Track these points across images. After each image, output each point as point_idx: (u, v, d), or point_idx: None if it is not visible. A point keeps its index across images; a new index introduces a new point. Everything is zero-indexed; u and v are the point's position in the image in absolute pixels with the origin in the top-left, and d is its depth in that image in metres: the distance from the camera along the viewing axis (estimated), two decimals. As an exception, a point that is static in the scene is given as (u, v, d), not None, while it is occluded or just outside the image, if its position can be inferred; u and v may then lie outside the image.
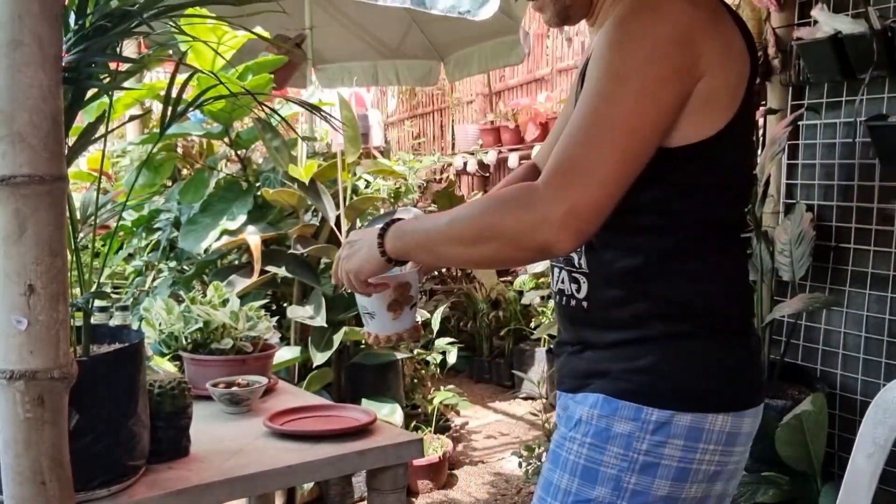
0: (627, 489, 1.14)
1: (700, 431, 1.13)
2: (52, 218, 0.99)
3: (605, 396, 1.16)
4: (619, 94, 1.05)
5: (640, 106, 1.05)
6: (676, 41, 1.06)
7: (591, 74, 1.08)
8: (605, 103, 1.05)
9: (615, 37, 1.07)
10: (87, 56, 1.11)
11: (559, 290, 1.26)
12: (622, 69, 1.05)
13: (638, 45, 1.06)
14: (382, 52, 5.21)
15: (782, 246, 2.69)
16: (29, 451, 1.00)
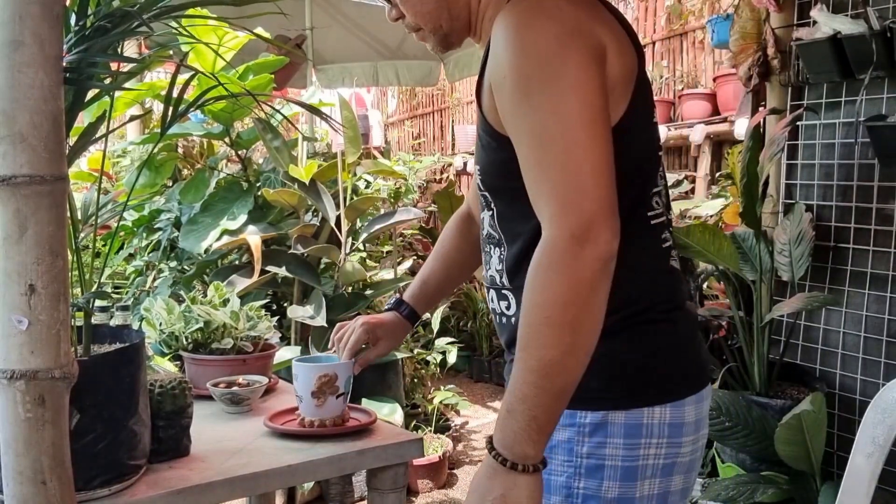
0: (579, 494, 1.13)
1: (639, 427, 1.12)
2: (52, 218, 0.99)
3: None
4: (554, 100, 1.02)
5: (578, 97, 1.02)
6: (573, 31, 1.05)
7: (511, 96, 1.05)
8: (548, 116, 1.02)
9: (516, 48, 1.04)
10: (88, 56, 1.11)
11: (493, 310, 1.26)
12: (542, 76, 1.02)
13: (543, 46, 1.03)
14: (382, 52, 5.22)
15: (781, 246, 2.69)
16: (30, 450, 1.00)
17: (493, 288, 1.24)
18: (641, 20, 5.95)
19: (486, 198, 1.21)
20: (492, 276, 1.23)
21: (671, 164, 5.80)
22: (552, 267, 0.99)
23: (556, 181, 1.01)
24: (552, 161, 1.01)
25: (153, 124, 4.25)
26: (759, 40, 2.84)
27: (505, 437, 1.00)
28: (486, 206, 1.22)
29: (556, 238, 0.99)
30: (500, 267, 1.21)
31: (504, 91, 1.06)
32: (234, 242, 3.11)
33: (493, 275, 1.22)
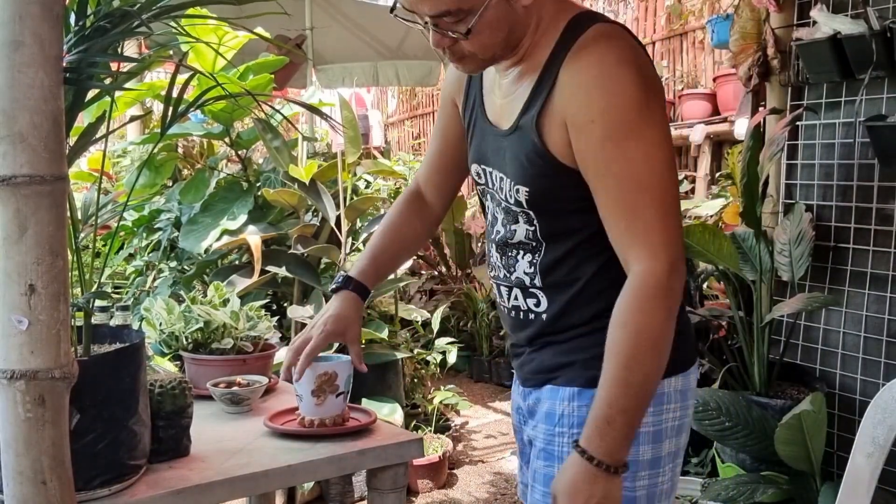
0: None
1: (662, 396, 1.25)
2: (52, 218, 0.99)
3: (579, 388, 1.26)
4: (646, 148, 1.15)
5: (664, 147, 1.17)
6: (652, 78, 1.18)
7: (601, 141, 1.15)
8: (642, 163, 1.15)
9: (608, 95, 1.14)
10: (88, 56, 1.11)
11: (513, 307, 1.35)
12: (634, 125, 1.14)
13: (633, 96, 1.14)
14: (382, 52, 5.22)
15: (781, 246, 2.69)
16: (30, 450, 1.00)
17: (518, 287, 1.34)
18: (641, 20, 5.95)
19: (526, 214, 1.29)
20: (519, 278, 1.33)
21: (671, 164, 5.80)
22: (657, 297, 1.14)
23: (652, 220, 1.16)
24: (649, 203, 1.15)
25: (153, 124, 4.25)
26: (759, 40, 2.84)
27: (606, 444, 1.13)
28: (523, 220, 1.30)
29: (658, 271, 1.14)
30: (531, 270, 1.31)
31: (592, 134, 1.16)
32: (234, 242, 3.11)
33: (521, 276, 1.32)
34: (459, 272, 5.78)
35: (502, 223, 1.34)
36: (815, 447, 2.25)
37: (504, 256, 1.35)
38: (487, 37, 1.20)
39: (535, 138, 1.22)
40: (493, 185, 1.34)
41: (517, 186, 1.27)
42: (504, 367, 5.27)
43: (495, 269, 1.38)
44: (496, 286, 1.39)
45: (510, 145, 1.27)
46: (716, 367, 2.76)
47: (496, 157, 1.31)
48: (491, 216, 1.38)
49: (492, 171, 1.33)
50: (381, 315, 3.72)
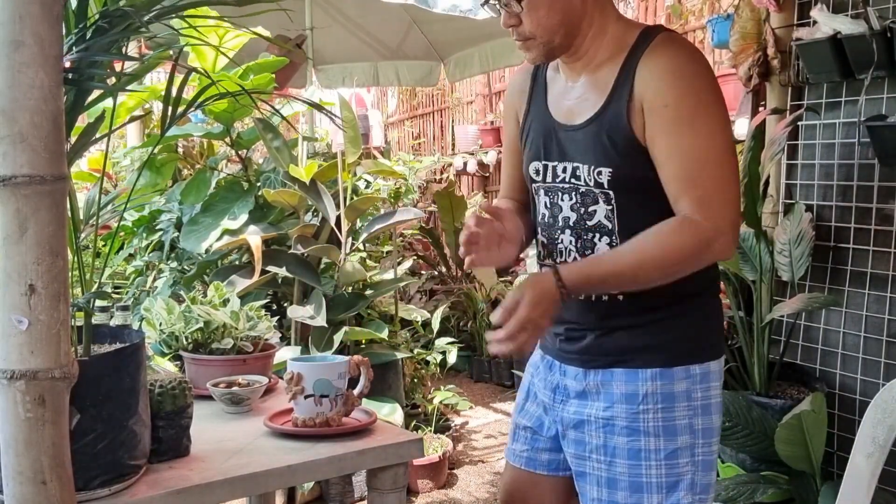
0: (699, 430, 1.46)
1: (719, 373, 1.51)
2: (52, 218, 0.99)
3: (661, 369, 1.45)
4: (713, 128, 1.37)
5: (723, 137, 1.38)
6: (712, 80, 1.41)
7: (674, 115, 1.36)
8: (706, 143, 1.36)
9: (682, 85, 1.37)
10: (88, 56, 1.11)
11: None
12: (699, 111, 1.36)
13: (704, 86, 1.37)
14: (383, 52, 5.22)
15: (781, 246, 2.69)
16: (30, 450, 1.00)
17: None
18: (641, 20, 5.94)
19: (606, 195, 1.45)
20: None
21: (671, 164, 5.80)
22: (692, 235, 1.34)
23: (711, 190, 1.35)
24: (709, 175, 1.36)
25: (153, 125, 4.26)
26: (759, 40, 2.83)
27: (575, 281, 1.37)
28: (602, 200, 1.46)
29: (703, 225, 1.34)
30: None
31: (665, 115, 1.36)
32: (234, 242, 3.11)
33: None
34: (459, 272, 5.78)
35: (573, 208, 1.49)
36: (815, 447, 2.25)
37: (579, 239, 1.50)
38: (544, 16, 1.41)
39: (623, 122, 1.40)
40: (557, 178, 1.51)
41: (599, 169, 1.44)
42: (504, 367, 5.27)
43: (563, 253, 1.52)
44: None
45: (589, 135, 1.45)
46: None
47: (567, 150, 1.49)
48: (550, 207, 1.54)
49: (556, 165, 1.51)
50: (381, 315, 3.72)
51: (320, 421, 1.49)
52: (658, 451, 1.45)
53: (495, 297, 5.50)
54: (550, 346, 1.61)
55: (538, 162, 1.55)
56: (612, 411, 1.48)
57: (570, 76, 1.52)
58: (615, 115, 1.41)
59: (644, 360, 1.46)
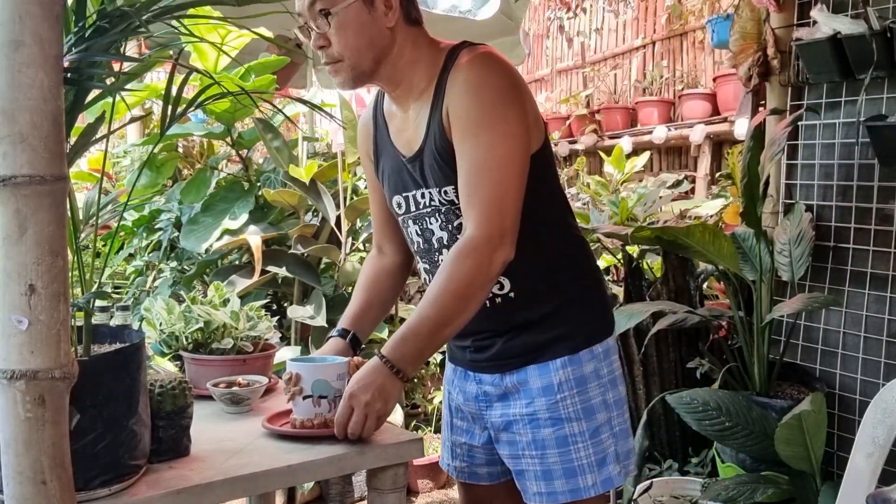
0: (612, 403, 1.57)
1: (615, 346, 1.62)
2: (52, 218, 0.99)
3: (569, 356, 1.53)
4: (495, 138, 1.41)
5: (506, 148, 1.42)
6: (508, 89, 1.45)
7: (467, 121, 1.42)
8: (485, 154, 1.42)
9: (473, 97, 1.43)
10: (88, 56, 1.11)
11: None
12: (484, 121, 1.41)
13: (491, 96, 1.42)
14: (383, 52, 5.21)
15: (781, 246, 2.69)
16: (30, 450, 1.00)
17: None
18: (641, 20, 5.96)
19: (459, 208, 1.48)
20: None
21: (671, 164, 5.79)
22: (470, 257, 1.40)
23: (486, 198, 1.40)
24: (486, 183, 1.41)
25: (153, 124, 4.26)
26: (759, 40, 2.83)
27: (397, 353, 1.40)
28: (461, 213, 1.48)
29: (477, 238, 1.40)
30: None
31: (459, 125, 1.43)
32: (234, 242, 3.11)
33: None
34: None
35: (441, 227, 1.54)
36: (815, 447, 2.25)
37: None
38: (352, 38, 1.46)
39: (445, 140, 1.46)
40: (418, 206, 1.57)
41: (444, 188, 1.50)
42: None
43: None
44: None
45: (426, 161, 1.51)
46: (716, 367, 2.76)
47: (418, 178, 1.54)
48: (421, 234, 1.59)
49: (415, 193, 1.56)
50: (382, 315, 3.72)
51: (319, 422, 1.49)
52: (583, 434, 1.54)
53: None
54: (460, 358, 1.67)
55: (398, 196, 1.60)
56: (533, 406, 1.55)
57: (402, 107, 1.57)
58: (438, 136, 1.47)
59: (552, 352, 1.54)
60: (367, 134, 1.69)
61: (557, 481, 1.54)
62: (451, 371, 1.73)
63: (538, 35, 6.40)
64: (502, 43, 4.75)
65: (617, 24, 6.19)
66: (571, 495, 1.53)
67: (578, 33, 6.14)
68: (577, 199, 4.83)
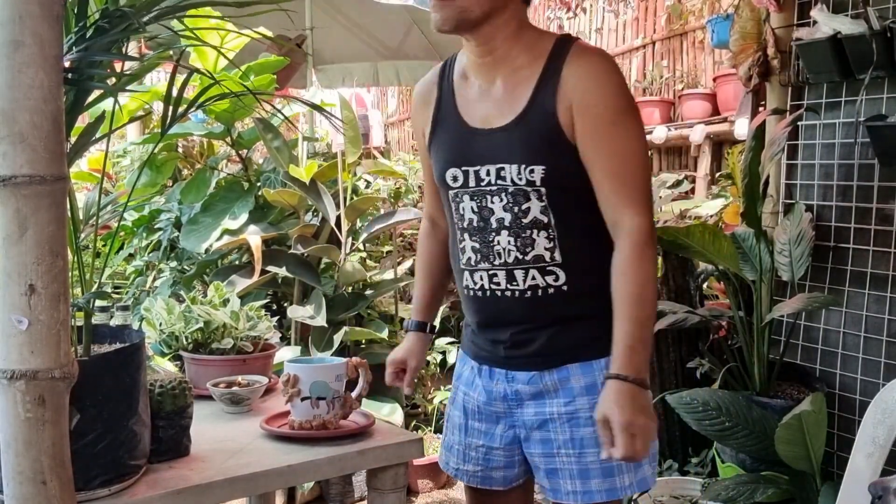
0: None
1: None
2: (52, 218, 0.99)
3: (606, 358, 1.46)
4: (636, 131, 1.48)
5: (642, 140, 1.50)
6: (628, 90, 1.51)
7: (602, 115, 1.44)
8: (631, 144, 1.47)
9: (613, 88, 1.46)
10: (88, 56, 1.11)
11: (531, 287, 1.51)
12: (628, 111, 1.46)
13: (624, 91, 1.47)
14: (383, 52, 5.22)
15: (781, 246, 2.69)
16: (30, 450, 1.00)
17: (533, 267, 1.50)
18: (641, 20, 5.95)
19: (538, 191, 1.48)
20: (538, 255, 1.50)
21: (671, 164, 5.79)
22: (649, 246, 1.43)
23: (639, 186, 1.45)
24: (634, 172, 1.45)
25: (153, 124, 4.26)
26: (759, 40, 2.83)
27: (634, 367, 1.39)
28: (535, 198, 1.48)
29: (646, 226, 1.43)
30: (550, 245, 1.49)
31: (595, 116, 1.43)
32: (234, 242, 3.11)
33: (541, 253, 1.50)
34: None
35: (505, 208, 1.50)
36: (815, 447, 2.25)
37: (518, 238, 1.50)
38: None
39: (553, 122, 1.45)
40: (479, 182, 1.51)
41: (531, 167, 1.46)
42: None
43: (502, 255, 1.52)
44: (504, 272, 1.52)
45: (515, 136, 1.47)
46: (716, 367, 2.76)
47: (489, 153, 1.50)
48: (478, 211, 1.53)
49: (478, 169, 1.51)
50: (381, 315, 3.72)
51: (317, 423, 1.49)
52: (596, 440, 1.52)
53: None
54: (489, 355, 1.61)
55: (455, 168, 1.55)
56: (574, 405, 1.52)
57: (485, 78, 1.54)
58: (543, 115, 1.46)
59: (597, 351, 1.51)
60: (425, 101, 1.64)
61: (594, 480, 1.52)
62: (469, 371, 1.67)
63: (538, 35, 6.40)
64: (502, 43, 4.76)
65: (617, 24, 6.19)
66: (608, 495, 1.52)
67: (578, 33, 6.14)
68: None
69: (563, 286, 1.51)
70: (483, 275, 1.54)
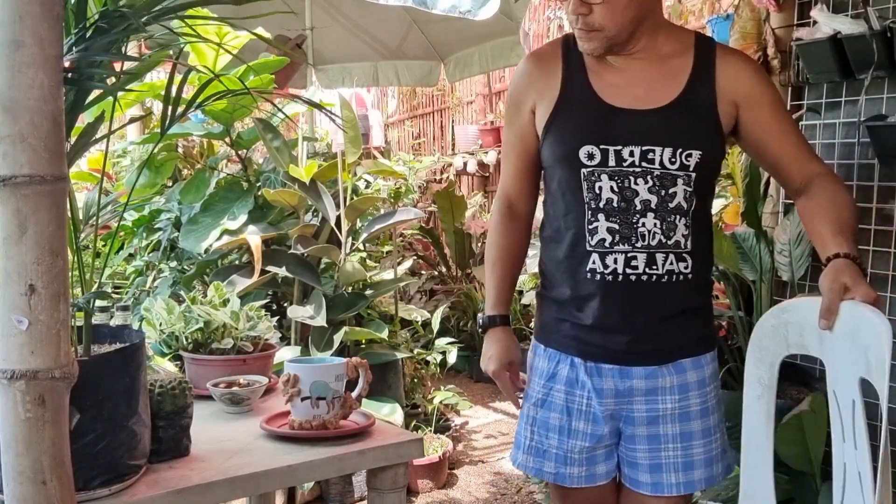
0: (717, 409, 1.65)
1: None
2: (52, 218, 0.99)
3: (714, 352, 1.60)
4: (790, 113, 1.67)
5: None
6: None
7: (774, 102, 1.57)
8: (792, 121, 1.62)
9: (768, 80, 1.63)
10: (88, 56, 1.11)
11: (668, 272, 1.51)
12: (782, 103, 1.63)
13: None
14: (383, 52, 5.21)
15: (781, 246, 2.69)
16: (30, 450, 1.00)
17: (672, 252, 1.52)
18: (641, 20, 5.94)
19: (688, 177, 1.50)
20: (677, 241, 1.52)
21: (671, 164, 5.79)
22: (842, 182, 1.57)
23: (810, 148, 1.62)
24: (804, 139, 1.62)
25: (153, 124, 4.26)
26: (759, 40, 2.83)
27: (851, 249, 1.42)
28: (682, 183, 1.50)
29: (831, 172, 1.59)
30: (686, 232, 1.52)
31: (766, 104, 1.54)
32: (234, 242, 3.11)
33: (679, 239, 1.52)
34: (459, 272, 5.78)
35: (651, 191, 1.49)
36: (814, 447, 2.24)
37: (663, 222, 1.50)
38: (619, 14, 1.45)
39: (712, 109, 1.51)
40: (624, 161, 1.50)
41: (688, 151, 1.49)
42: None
43: (646, 237, 1.50)
44: (645, 255, 1.50)
45: (672, 118, 1.50)
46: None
47: (636, 133, 1.49)
48: (619, 192, 1.50)
49: (620, 149, 1.49)
50: (381, 315, 3.72)
51: (317, 423, 1.49)
52: (719, 424, 1.61)
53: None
54: (601, 351, 1.54)
55: (591, 146, 1.50)
56: (687, 400, 1.57)
57: (627, 62, 1.55)
58: (702, 101, 1.51)
59: (705, 346, 1.60)
60: (544, 75, 1.58)
61: (697, 471, 1.57)
62: (568, 369, 1.57)
63: (538, 35, 6.40)
64: (502, 43, 4.76)
65: (617, 24, 6.19)
66: (707, 483, 1.58)
67: (578, 33, 6.15)
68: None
69: (689, 274, 1.53)
70: (619, 257, 1.50)
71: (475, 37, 4.80)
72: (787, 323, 1.61)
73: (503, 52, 4.79)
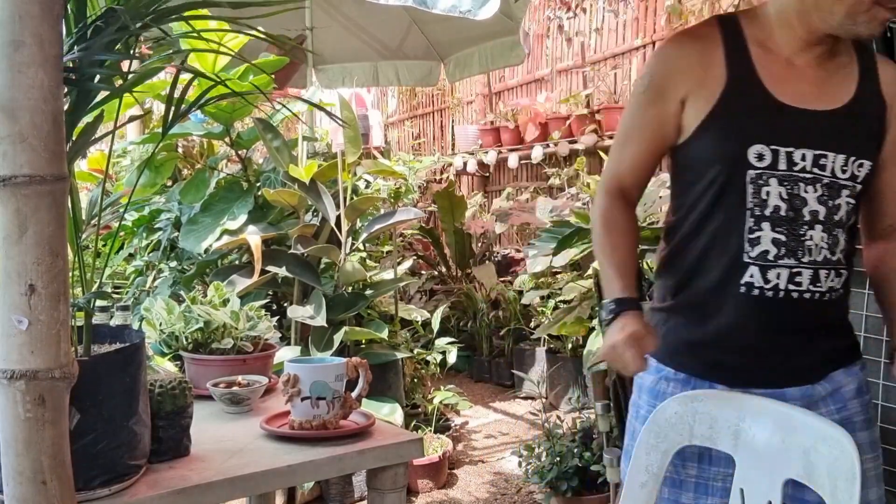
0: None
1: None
2: (52, 218, 0.99)
3: (862, 361, 1.49)
4: None
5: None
6: None
7: None
8: None
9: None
10: (89, 56, 1.11)
11: (829, 289, 1.40)
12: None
13: None
14: (382, 52, 5.21)
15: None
16: (30, 450, 1.00)
17: (834, 269, 1.40)
18: (641, 20, 5.94)
19: (853, 188, 1.40)
20: (839, 258, 1.40)
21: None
22: None
23: None
24: None
25: (153, 124, 4.26)
26: (759, 40, 2.83)
27: None
28: (846, 195, 1.39)
29: None
30: (844, 247, 1.41)
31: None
32: (234, 242, 3.11)
33: (840, 256, 1.40)
34: (459, 272, 5.78)
35: (819, 201, 1.37)
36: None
37: (830, 236, 1.38)
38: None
39: (880, 116, 1.41)
40: (794, 166, 1.36)
41: (861, 161, 1.39)
42: (504, 367, 5.27)
43: (813, 252, 1.37)
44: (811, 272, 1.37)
45: (847, 123, 1.39)
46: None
47: (808, 136, 1.36)
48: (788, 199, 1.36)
49: (792, 152, 1.35)
50: (381, 315, 3.72)
51: (317, 423, 1.49)
52: (878, 440, 1.48)
53: (495, 297, 5.51)
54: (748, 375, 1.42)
55: (761, 146, 1.36)
56: (847, 411, 1.43)
57: (800, 56, 1.40)
58: (873, 109, 1.41)
59: (854, 355, 1.49)
60: (702, 62, 1.41)
61: (871, 489, 1.39)
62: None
63: (538, 35, 6.40)
64: (502, 43, 4.76)
65: (617, 23, 6.19)
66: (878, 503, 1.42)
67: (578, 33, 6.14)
68: (577, 199, 4.83)
69: (842, 290, 1.43)
70: (782, 272, 1.36)
71: (475, 37, 4.81)
72: (695, 412, 1.41)
73: (503, 52, 4.79)
